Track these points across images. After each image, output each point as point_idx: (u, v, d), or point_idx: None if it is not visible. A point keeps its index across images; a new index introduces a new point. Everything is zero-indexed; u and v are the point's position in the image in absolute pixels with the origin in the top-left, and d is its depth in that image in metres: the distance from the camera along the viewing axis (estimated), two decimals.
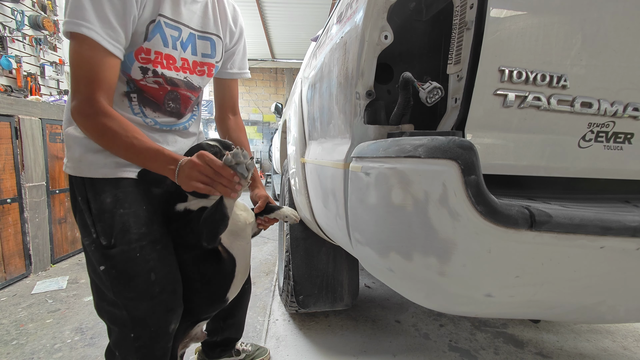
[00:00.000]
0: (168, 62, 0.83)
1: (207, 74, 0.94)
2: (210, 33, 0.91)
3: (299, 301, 1.43)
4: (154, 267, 0.78)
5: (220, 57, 0.97)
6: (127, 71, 0.81)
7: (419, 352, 1.42)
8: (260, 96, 9.39)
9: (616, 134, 0.67)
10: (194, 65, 0.89)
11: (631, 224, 0.51)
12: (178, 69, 0.86)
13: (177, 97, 0.88)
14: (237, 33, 1.00)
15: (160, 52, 0.81)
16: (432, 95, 0.61)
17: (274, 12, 5.97)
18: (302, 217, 1.41)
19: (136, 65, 0.80)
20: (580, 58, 0.62)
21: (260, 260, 2.54)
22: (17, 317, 1.63)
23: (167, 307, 0.80)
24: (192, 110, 0.98)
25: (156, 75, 0.83)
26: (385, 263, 0.61)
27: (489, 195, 0.49)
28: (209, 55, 0.93)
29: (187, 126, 0.96)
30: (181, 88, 0.89)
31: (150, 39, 0.79)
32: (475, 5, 0.61)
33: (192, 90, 0.92)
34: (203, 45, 0.90)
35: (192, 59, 0.89)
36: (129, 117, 0.83)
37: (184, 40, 0.85)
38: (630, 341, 1.55)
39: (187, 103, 0.92)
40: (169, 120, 0.91)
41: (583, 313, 0.60)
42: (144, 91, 0.84)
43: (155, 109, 0.87)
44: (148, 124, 0.86)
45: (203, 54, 0.91)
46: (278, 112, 4.81)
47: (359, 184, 0.66)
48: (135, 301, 0.77)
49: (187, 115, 0.96)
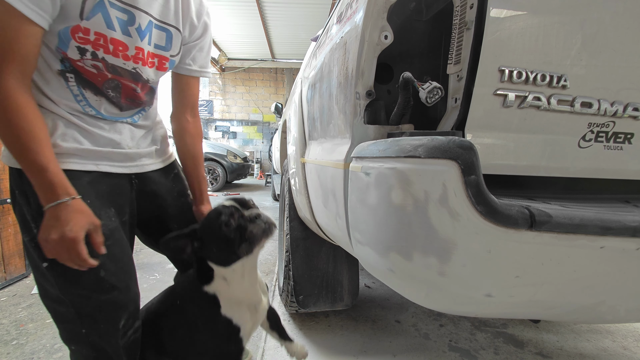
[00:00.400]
0: (116, 49, 0.75)
1: (157, 67, 0.86)
2: (168, 24, 0.83)
3: (299, 301, 1.43)
4: (103, 263, 0.73)
5: (177, 52, 0.89)
6: (63, 48, 0.71)
7: (419, 352, 1.41)
8: (260, 96, 9.38)
9: (616, 134, 0.67)
10: (147, 56, 0.81)
11: (631, 224, 0.51)
12: (128, 57, 0.77)
13: (119, 86, 0.80)
14: (199, 28, 0.91)
15: (103, 34, 0.72)
16: (432, 95, 0.61)
17: (274, 12, 5.97)
18: (302, 217, 1.41)
19: (73, 44, 0.71)
20: (580, 58, 0.62)
21: (260, 260, 2.54)
22: (17, 317, 1.63)
23: (117, 304, 0.77)
24: (140, 105, 0.89)
25: (95, 59, 0.74)
26: (385, 263, 0.61)
27: (489, 195, 0.49)
28: (163, 47, 0.84)
29: (135, 119, 0.88)
30: (124, 78, 0.80)
31: (89, 18, 0.70)
32: (475, 5, 0.61)
33: (138, 83, 0.83)
34: (159, 35, 0.82)
35: (147, 49, 0.81)
36: (69, 104, 0.76)
37: (142, 27, 0.77)
38: (630, 341, 1.55)
39: (129, 94, 0.83)
40: (114, 111, 0.83)
41: (583, 313, 0.60)
42: (81, 73, 0.75)
43: (97, 92, 0.78)
44: (88, 112, 0.79)
45: (156, 45, 0.83)
46: (278, 112, 4.81)
47: (359, 184, 0.66)
48: (83, 298, 0.73)
49: (133, 108, 0.87)
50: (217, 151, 6.24)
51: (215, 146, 6.42)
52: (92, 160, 0.78)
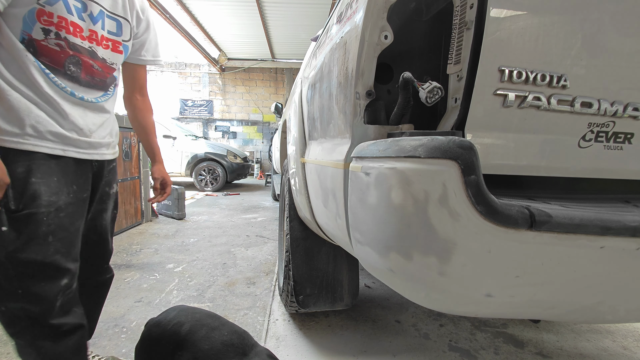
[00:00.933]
0: (75, 30, 0.90)
1: (112, 49, 1.01)
2: (118, 15, 1.01)
3: (299, 301, 1.43)
4: (53, 230, 0.87)
5: (128, 38, 1.06)
6: (28, 30, 0.84)
7: (419, 352, 1.42)
8: (260, 96, 9.38)
9: (616, 134, 0.67)
10: (101, 39, 0.97)
11: (631, 224, 0.51)
12: (84, 37, 0.93)
13: (79, 62, 0.93)
14: (144, 21, 1.10)
15: (65, 17, 0.87)
16: (432, 95, 0.61)
17: (274, 12, 5.97)
18: (302, 217, 1.41)
19: (38, 26, 0.84)
20: (580, 58, 0.62)
21: (260, 260, 2.54)
22: None
23: (58, 267, 0.88)
24: (103, 85, 1.02)
25: (58, 38, 0.87)
26: (385, 263, 0.61)
27: (489, 195, 0.49)
28: (116, 33, 1.02)
29: (99, 100, 1.01)
30: (83, 55, 0.94)
31: (53, 4, 0.84)
32: (475, 5, 0.61)
33: (96, 60, 0.98)
34: (110, 23, 0.99)
35: (101, 33, 0.97)
36: (35, 82, 0.86)
37: (93, 14, 0.93)
38: (630, 341, 1.55)
39: (89, 71, 0.97)
40: (75, 87, 0.94)
41: (583, 313, 0.60)
42: (44, 53, 0.87)
43: (56, 74, 0.90)
44: (52, 92, 0.89)
45: (109, 31, 1.00)
46: (278, 112, 4.81)
47: (359, 184, 0.66)
48: (29, 261, 0.84)
49: (96, 89, 1.00)
50: (217, 151, 6.24)
51: (215, 146, 6.42)
52: (60, 146, 0.90)
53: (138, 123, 1.23)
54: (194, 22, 6.42)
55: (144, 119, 1.24)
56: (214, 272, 2.25)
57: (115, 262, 2.38)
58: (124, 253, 2.59)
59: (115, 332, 1.50)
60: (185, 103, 9.34)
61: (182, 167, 6.15)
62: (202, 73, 9.30)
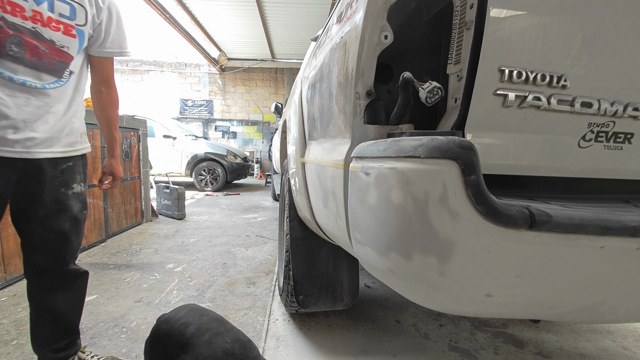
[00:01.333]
0: (13, 9, 0.89)
1: (63, 32, 0.99)
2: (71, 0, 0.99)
3: (299, 301, 1.43)
4: None
5: (83, 23, 1.04)
6: None
7: (419, 352, 1.42)
8: (260, 96, 9.38)
9: (616, 134, 0.67)
10: (48, 20, 0.95)
11: (631, 224, 0.51)
12: (26, 17, 0.91)
13: (21, 42, 0.92)
14: (105, 10, 1.09)
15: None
16: (432, 95, 0.61)
17: (274, 12, 5.97)
18: (302, 217, 1.41)
19: None
20: (580, 58, 0.62)
21: (260, 260, 2.54)
22: (17, 317, 1.63)
23: None
24: (56, 74, 1.00)
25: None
26: (385, 263, 0.61)
27: (489, 195, 0.49)
28: (69, 17, 1.00)
29: (47, 87, 0.99)
30: (26, 35, 0.92)
31: None
32: (475, 5, 0.61)
33: (41, 42, 0.96)
34: (62, 7, 0.98)
35: (48, 14, 0.95)
36: None
37: None
38: (630, 341, 1.55)
39: (34, 52, 0.95)
40: (18, 68, 0.92)
41: (583, 313, 0.60)
42: None
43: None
44: None
45: (61, 14, 0.98)
46: (278, 112, 4.81)
47: (359, 183, 0.65)
48: None
49: (45, 72, 0.98)
50: (217, 151, 6.24)
51: (215, 146, 6.42)
52: None
53: (101, 114, 1.25)
54: (194, 22, 6.42)
55: (107, 111, 1.25)
56: (214, 272, 2.25)
57: (115, 262, 2.38)
58: (124, 253, 2.59)
59: (115, 332, 1.50)
60: (185, 103, 9.34)
61: (182, 167, 6.15)
62: (202, 73, 9.30)
